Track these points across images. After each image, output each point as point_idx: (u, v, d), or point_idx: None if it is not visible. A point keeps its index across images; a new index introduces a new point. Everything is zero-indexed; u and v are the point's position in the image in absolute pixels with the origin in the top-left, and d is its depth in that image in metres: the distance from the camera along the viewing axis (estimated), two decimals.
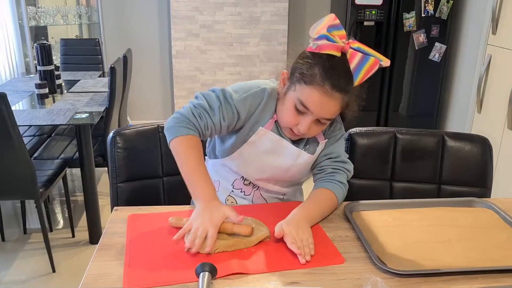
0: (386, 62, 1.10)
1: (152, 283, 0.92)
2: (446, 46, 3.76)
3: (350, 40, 1.13)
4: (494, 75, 2.82)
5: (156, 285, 0.92)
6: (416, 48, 3.80)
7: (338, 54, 1.10)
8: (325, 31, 1.14)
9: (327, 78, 1.10)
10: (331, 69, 1.10)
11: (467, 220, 1.20)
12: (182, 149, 1.16)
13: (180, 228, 1.07)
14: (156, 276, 0.94)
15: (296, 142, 1.27)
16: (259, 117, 1.23)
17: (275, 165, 1.26)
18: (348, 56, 1.10)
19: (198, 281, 0.90)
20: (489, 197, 1.46)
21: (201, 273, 0.91)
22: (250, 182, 1.31)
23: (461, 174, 1.48)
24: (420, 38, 3.76)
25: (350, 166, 1.31)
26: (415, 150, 1.50)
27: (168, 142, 1.18)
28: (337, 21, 1.16)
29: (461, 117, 3.76)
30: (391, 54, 3.84)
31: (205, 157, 1.36)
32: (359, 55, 1.09)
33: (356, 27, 3.75)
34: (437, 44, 3.77)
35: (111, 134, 1.39)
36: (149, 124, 1.44)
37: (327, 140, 1.28)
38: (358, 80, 1.09)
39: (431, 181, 1.50)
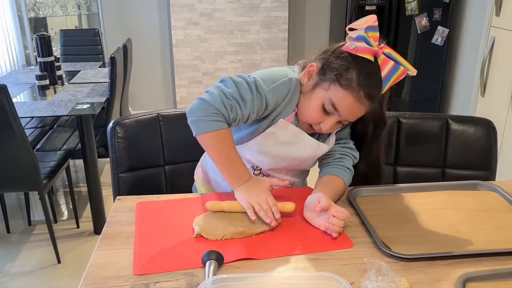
0: (413, 72, 1.09)
1: (161, 269, 0.93)
2: (448, 29, 3.72)
3: (383, 45, 1.12)
4: (498, 57, 2.79)
5: (165, 271, 0.92)
6: (419, 32, 3.76)
7: (372, 58, 1.09)
8: (363, 31, 1.13)
9: (364, 85, 1.08)
10: (368, 77, 1.08)
11: (472, 203, 1.19)
12: (215, 145, 1.14)
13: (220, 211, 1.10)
14: (165, 262, 0.95)
15: (311, 134, 1.25)
16: (283, 108, 1.19)
17: (292, 156, 1.25)
18: (380, 62, 1.08)
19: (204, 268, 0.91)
20: (494, 180, 1.45)
21: (208, 262, 0.91)
22: (261, 171, 1.30)
23: (466, 157, 1.47)
24: (422, 22, 3.72)
25: (357, 154, 1.30)
26: (419, 134, 1.49)
27: (195, 134, 1.13)
28: (376, 23, 1.15)
29: (465, 101, 3.74)
30: (393, 38, 3.80)
31: None
32: (391, 63, 1.07)
33: (358, 12, 3.72)
34: (439, 27, 3.73)
35: (110, 124, 1.38)
36: (149, 113, 1.43)
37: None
38: (385, 88, 1.09)
39: (435, 165, 1.49)
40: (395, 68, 1.07)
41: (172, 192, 1.40)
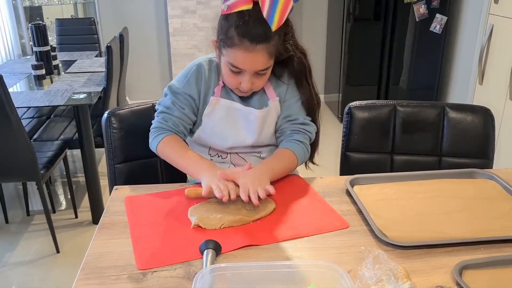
0: None
1: (164, 262, 0.92)
2: (447, 17, 3.70)
3: None
4: (496, 45, 2.78)
5: (168, 263, 0.92)
6: (417, 20, 3.74)
7: (250, 6, 1.12)
8: None
9: (243, 35, 1.13)
10: (244, 25, 1.13)
11: (469, 191, 1.19)
12: (166, 150, 1.26)
13: (200, 198, 1.13)
14: (167, 255, 0.94)
15: (247, 102, 1.30)
16: (206, 89, 1.30)
17: (234, 131, 1.30)
18: (260, 4, 1.10)
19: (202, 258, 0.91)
20: (491, 168, 1.45)
21: (205, 251, 0.91)
22: (218, 153, 1.36)
23: (463, 145, 1.47)
24: (420, 9, 3.70)
25: (311, 127, 1.33)
26: (416, 122, 1.48)
27: (158, 155, 1.29)
28: None
29: (463, 89, 3.73)
30: (391, 26, 3.78)
31: None
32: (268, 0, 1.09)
33: (355, 0, 3.69)
34: (438, 15, 3.70)
35: (105, 115, 1.37)
36: (144, 103, 1.43)
37: (279, 99, 1.31)
38: (275, 24, 1.11)
39: (432, 153, 1.49)
40: (274, 1, 1.09)
41: (168, 182, 1.40)
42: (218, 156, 1.36)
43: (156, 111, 1.33)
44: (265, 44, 1.14)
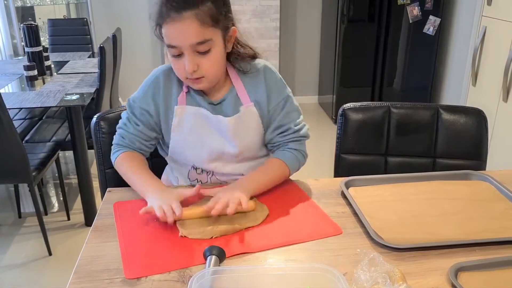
0: None
1: (153, 271, 0.90)
2: (440, 19, 3.71)
3: None
4: (489, 47, 2.80)
5: (156, 272, 0.89)
6: (410, 22, 3.75)
7: None
8: None
9: (165, 6, 1.06)
10: None
11: (463, 193, 1.19)
12: (120, 167, 1.22)
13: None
14: (156, 263, 0.92)
15: (216, 110, 1.22)
16: (167, 101, 1.22)
17: (206, 140, 1.22)
18: None
19: (204, 263, 0.90)
20: (485, 169, 1.46)
21: (209, 257, 0.90)
22: (202, 170, 1.28)
23: (456, 147, 1.47)
24: (414, 11, 3.72)
25: (304, 130, 1.27)
26: (410, 124, 1.49)
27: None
28: None
29: (456, 90, 3.75)
30: (384, 28, 3.80)
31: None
32: None
33: (349, 1, 3.70)
34: (431, 17, 3.72)
35: (94, 119, 1.34)
36: None
37: (254, 104, 1.22)
38: None
39: (426, 154, 1.49)
40: None
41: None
42: (198, 182, 1.29)
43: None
44: (192, 10, 1.05)
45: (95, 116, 1.35)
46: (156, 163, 1.39)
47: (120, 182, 1.32)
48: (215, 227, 1.02)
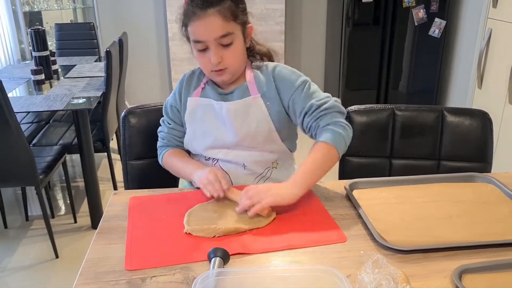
0: None
1: (152, 264, 0.93)
2: (446, 21, 3.71)
3: None
4: (495, 49, 2.79)
5: (156, 266, 0.92)
6: (416, 24, 3.75)
7: None
8: None
9: (191, 6, 1.19)
10: None
11: (468, 195, 1.19)
12: (167, 164, 1.36)
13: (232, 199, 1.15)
14: (156, 257, 0.95)
15: (225, 98, 1.30)
16: (186, 94, 1.34)
17: (211, 129, 1.30)
18: None
19: (206, 261, 0.91)
20: (490, 171, 1.45)
21: (213, 259, 0.91)
22: (210, 157, 1.33)
23: (461, 149, 1.47)
24: (419, 13, 3.71)
25: (330, 102, 1.23)
26: (414, 126, 1.49)
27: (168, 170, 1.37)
28: None
29: (462, 93, 3.74)
30: (390, 30, 3.79)
31: None
32: None
33: (354, 5, 3.70)
34: (436, 19, 3.71)
35: (123, 113, 1.45)
36: (160, 104, 1.45)
37: (260, 95, 1.26)
38: None
39: (431, 157, 1.49)
40: None
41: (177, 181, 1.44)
42: (208, 159, 1.35)
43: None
44: (215, 7, 1.17)
45: (124, 110, 1.46)
46: None
47: (141, 175, 1.46)
48: (218, 227, 1.03)
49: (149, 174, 1.45)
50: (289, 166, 1.38)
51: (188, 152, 1.39)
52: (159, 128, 1.39)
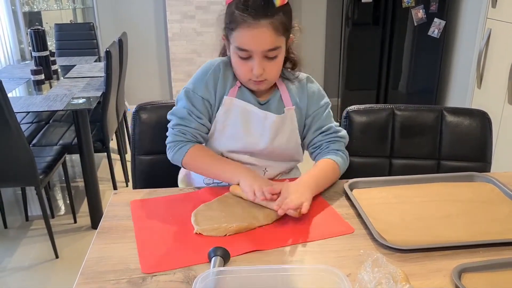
0: None
1: (168, 266, 0.92)
2: (445, 21, 3.71)
3: None
4: (494, 49, 2.79)
5: (172, 268, 0.92)
6: (415, 24, 3.75)
7: None
8: None
9: (244, 10, 1.12)
10: (245, 2, 1.13)
11: (467, 195, 1.19)
12: (196, 161, 1.25)
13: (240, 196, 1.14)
14: (171, 259, 0.94)
15: (264, 107, 1.28)
16: (222, 89, 1.26)
17: (244, 134, 1.26)
18: None
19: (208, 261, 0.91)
20: (489, 171, 1.46)
21: (213, 258, 0.91)
22: (228, 158, 1.31)
23: (461, 149, 1.47)
24: (419, 14, 3.72)
25: (343, 133, 1.34)
26: (414, 126, 1.49)
27: (183, 167, 1.28)
28: None
29: (461, 93, 3.74)
30: (389, 31, 3.80)
31: None
32: None
33: (354, 5, 3.70)
34: (436, 19, 3.72)
35: (134, 109, 1.46)
36: (170, 101, 1.45)
37: (295, 107, 1.29)
38: (278, 0, 1.12)
39: (431, 157, 1.49)
40: None
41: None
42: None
43: (170, 120, 1.30)
44: (269, 18, 1.12)
45: (135, 106, 1.46)
46: None
47: (148, 170, 1.46)
48: (229, 225, 1.03)
49: (157, 169, 1.45)
50: (296, 171, 1.42)
51: None
52: (177, 120, 1.26)
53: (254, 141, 1.27)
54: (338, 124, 1.35)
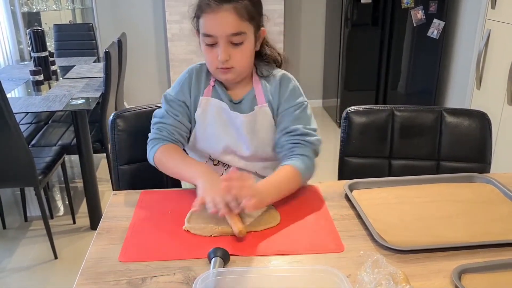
0: None
1: (146, 258, 0.94)
2: (444, 22, 3.72)
3: None
4: (493, 50, 2.79)
5: (148, 260, 0.93)
6: (414, 25, 3.76)
7: None
8: None
9: None
10: None
11: (467, 195, 1.19)
12: (162, 159, 1.23)
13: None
14: (151, 251, 0.96)
15: (235, 107, 1.28)
16: (197, 90, 1.29)
17: (223, 135, 1.27)
18: None
19: (204, 259, 0.91)
20: (489, 172, 1.46)
21: (213, 259, 0.91)
22: (218, 161, 1.32)
23: (460, 149, 1.47)
24: (418, 14, 3.72)
25: (312, 137, 1.24)
26: (413, 127, 1.49)
27: (156, 166, 1.26)
28: None
29: (460, 94, 3.74)
30: (388, 31, 3.80)
31: None
32: None
33: (353, 5, 3.71)
34: (435, 20, 3.72)
35: (111, 117, 1.39)
36: (149, 106, 1.43)
37: (267, 105, 1.26)
38: None
39: (430, 157, 1.49)
40: None
41: (172, 185, 1.42)
42: (217, 164, 1.33)
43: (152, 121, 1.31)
44: (232, 3, 1.14)
45: (112, 114, 1.40)
46: None
47: (134, 180, 1.40)
48: (215, 227, 1.03)
49: (142, 178, 1.38)
50: None
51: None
52: (156, 120, 1.28)
53: (236, 144, 1.27)
54: (310, 127, 1.25)
